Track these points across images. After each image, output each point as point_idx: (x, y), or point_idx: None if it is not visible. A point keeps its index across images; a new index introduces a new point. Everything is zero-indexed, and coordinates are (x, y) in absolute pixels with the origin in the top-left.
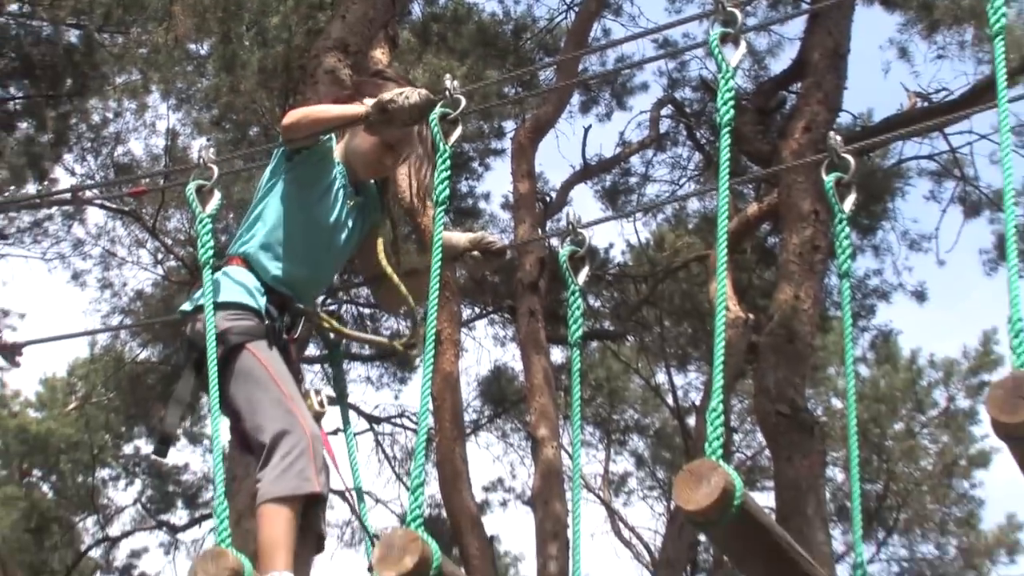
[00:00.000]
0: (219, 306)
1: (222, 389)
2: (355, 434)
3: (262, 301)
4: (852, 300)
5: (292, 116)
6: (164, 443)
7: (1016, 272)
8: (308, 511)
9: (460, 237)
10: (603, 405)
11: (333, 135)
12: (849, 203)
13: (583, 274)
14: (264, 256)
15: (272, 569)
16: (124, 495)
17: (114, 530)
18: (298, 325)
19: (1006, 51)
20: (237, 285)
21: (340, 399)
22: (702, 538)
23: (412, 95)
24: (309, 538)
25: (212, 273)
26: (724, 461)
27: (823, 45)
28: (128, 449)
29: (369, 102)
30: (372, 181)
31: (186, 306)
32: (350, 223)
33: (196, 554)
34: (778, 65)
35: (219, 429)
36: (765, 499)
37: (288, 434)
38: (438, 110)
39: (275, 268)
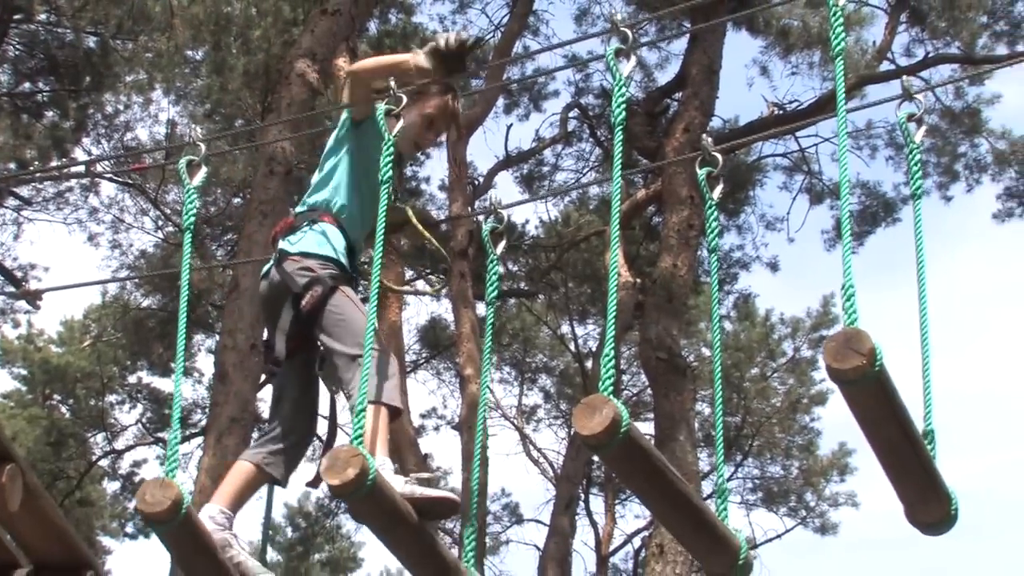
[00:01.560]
0: (316, 256)
1: (311, 324)
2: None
3: (344, 256)
4: (719, 269)
5: (353, 67)
6: (276, 364)
7: (849, 249)
8: None
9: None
10: (518, 350)
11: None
12: (717, 192)
13: (501, 246)
14: (346, 217)
15: (384, 454)
16: (128, 416)
17: (119, 444)
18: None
19: (845, 71)
20: (330, 244)
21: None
22: (595, 458)
23: (452, 37)
24: None
25: (304, 224)
26: (614, 397)
27: (700, 62)
28: (132, 379)
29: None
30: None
31: (286, 245)
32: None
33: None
34: (664, 77)
35: (180, 382)
36: (647, 428)
37: (381, 353)
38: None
39: (351, 228)
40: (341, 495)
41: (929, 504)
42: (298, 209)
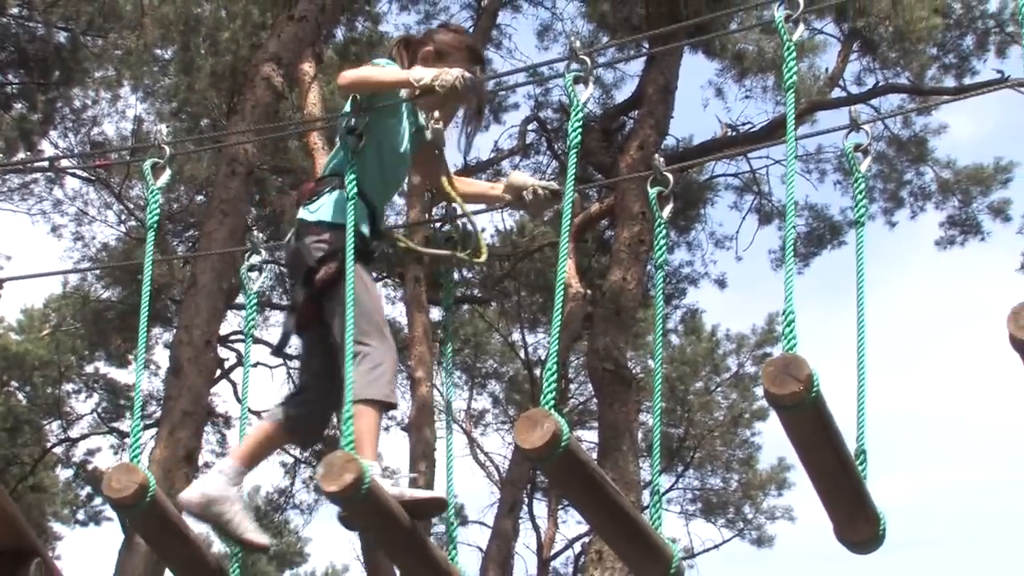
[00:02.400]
0: (334, 225)
1: (323, 299)
2: (272, 368)
3: (366, 229)
4: (668, 284)
5: (349, 77)
6: (280, 348)
7: (792, 272)
8: None
9: (528, 179)
10: (469, 355)
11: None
12: (667, 211)
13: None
14: (372, 184)
15: (368, 458)
16: (83, 405)
17: (74, 433)
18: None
19: (796, 97)
20: (356, 211)
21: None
22: None
23: (449, 77)
24: None
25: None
26: (557, 409)
27: (656, 82)
28: (89, 369)
29: (416, 72)
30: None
31: (305, 214)
32: (410, 147)
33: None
34: (621, 95)
35: (141, 372)
36: (591, 436)
37: (380, 348)
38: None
39: (373, 194)
40: (338, 501)
41: (857, 524)
42: (321, 173)
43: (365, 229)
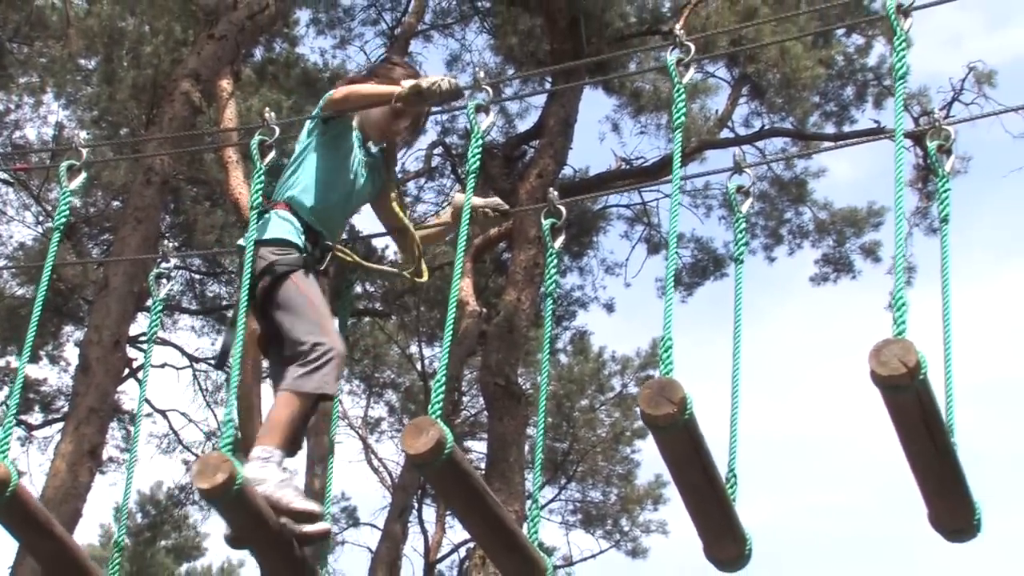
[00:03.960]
0: (269, 242)
1: (266, 310)
2: (178, 369)
3: (302, 239)
4: (559, 306)
5: (341, 92)
6: (224, 355)
7: (672, 302)
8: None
9: (477, 199)
10: (368, 365)
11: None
12: (559, 242)
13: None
14: (304, 200)
15: (268, 444)
16: None
17: None
18: (327, 258)
19: (686, 136)
20: (284, 223)
21: (342, 315)
22: None
23: (444, 83)
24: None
25: (258, 217)
26: (446, 420)
27: (557, 115)
28: (0, 363)
29: (406, 83)
30: (375, 149)
31: (241, 241)
32: (363, 175)
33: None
34: (524, 125)
35: (23, 368)
36: (481, 447)
37: (320, 344)
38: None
39: (311, 210)
40: (210, 498)
41: (724, 543)
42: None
43: (299, 242)
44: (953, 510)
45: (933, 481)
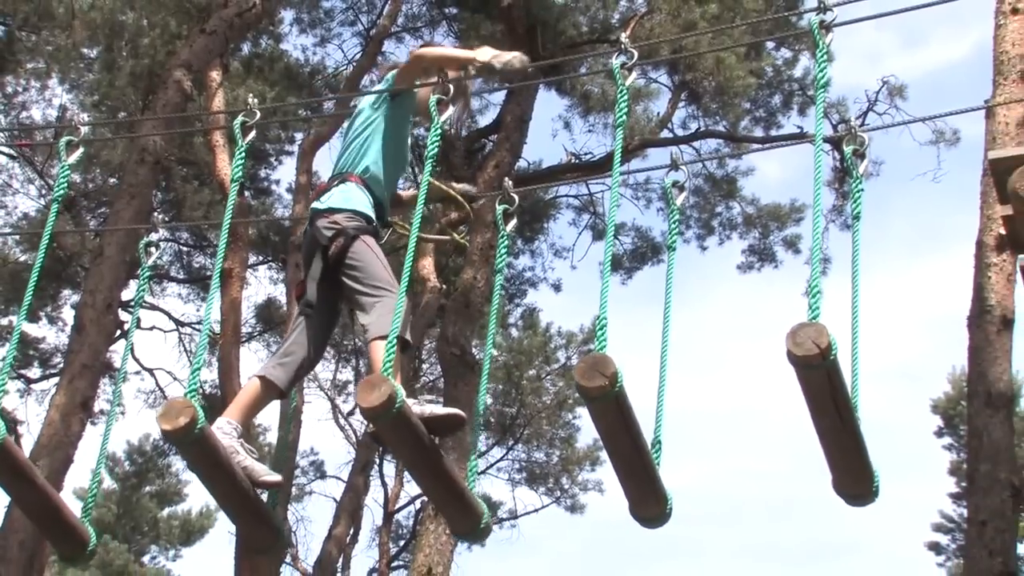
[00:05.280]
0: (343, 211)
1: (335, 272)
2: (165, 332)
3: (372, 212)
4: (511, 285)
5: (421, 51)
6: (309, 307)
7: (607, 285)
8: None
9: (457, 186)
10: (338, 332)
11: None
12: (511, 226)
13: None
14: (376, 173)
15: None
16: None
17: None
18: (388, 231)
19: (629, 135)
20: (359, 195)
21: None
22: None
23: (516, 61)
24: None
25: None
26: (410, 385)
27: (514, 112)
28: (3, 322)
29: (482, 53)
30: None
31: (317, 204)
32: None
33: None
34: (484, 120)
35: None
36: None
37: (391, 296)
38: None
39: (378, 188)
40: (172, 439)
41: (648, 502)
42: (330, 175)
43: (369, 211)
44: (855, 477)
45: (838, 451)
